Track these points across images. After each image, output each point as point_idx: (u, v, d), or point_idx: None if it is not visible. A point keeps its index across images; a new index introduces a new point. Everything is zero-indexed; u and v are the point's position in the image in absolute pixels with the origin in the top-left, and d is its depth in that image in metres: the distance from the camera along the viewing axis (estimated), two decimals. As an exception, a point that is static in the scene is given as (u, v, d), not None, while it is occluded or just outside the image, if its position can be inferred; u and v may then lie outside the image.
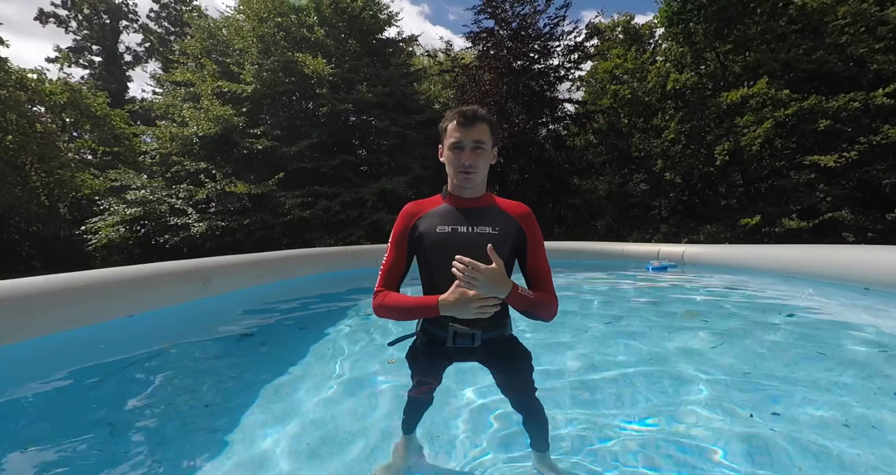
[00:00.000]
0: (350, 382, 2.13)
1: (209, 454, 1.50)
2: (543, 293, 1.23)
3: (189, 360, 2.65)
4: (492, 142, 1.26)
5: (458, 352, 1.27)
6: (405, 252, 1.30)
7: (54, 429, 1.70)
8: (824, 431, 1.55)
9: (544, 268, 1.28)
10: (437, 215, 1.29)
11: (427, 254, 1.25)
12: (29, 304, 2.58)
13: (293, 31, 12.95)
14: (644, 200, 14.66)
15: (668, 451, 1.47)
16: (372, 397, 1.95)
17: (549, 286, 1.26)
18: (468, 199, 1.30)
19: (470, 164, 1.21)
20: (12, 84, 11.09)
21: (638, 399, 1.90)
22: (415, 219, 1.30)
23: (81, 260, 13.62)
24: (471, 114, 1.21)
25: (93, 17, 24.73)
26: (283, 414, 1.79)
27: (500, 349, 1.31)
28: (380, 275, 1.28)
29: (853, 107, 9.48)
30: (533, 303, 1.16)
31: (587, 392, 1.97)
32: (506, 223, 1.27)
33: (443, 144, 1.28)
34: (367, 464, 1.44)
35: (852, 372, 2.12)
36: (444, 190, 1.35)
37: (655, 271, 5.70)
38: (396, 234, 1.31)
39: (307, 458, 1.46)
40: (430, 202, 1.34)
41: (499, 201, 1.33)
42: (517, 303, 1.15)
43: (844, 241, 9.68)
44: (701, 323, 3.15)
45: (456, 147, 1.22)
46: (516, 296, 1.13)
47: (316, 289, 5.00)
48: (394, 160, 13.34)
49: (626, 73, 13.51)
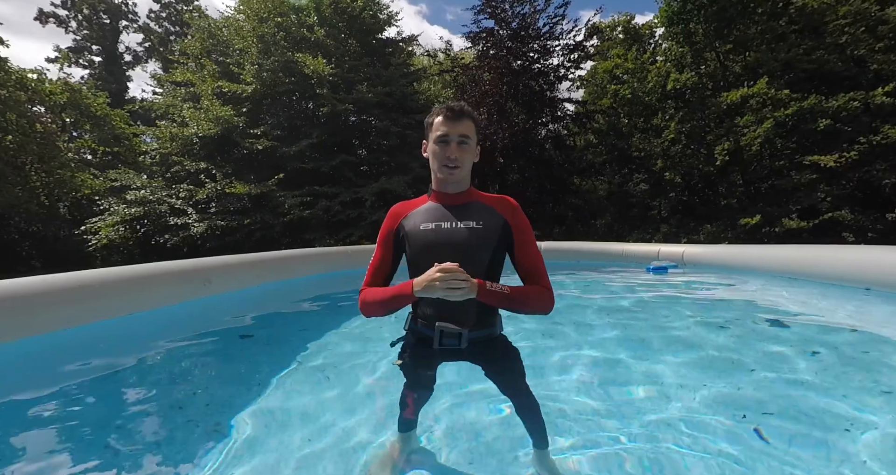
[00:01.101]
0: (350, 382, 2.13)
1: (209, 454, 1.50)
2: (534, 286, 1.22)
3: (188, 360, 2.65)
4: (476, 138, 1.27)
5: (444, 353, 1.26)
6: (391, 251, 1.32)
7: (54, 429, 1.70)
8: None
9: (536, 260, 1.26)
10: (422, 213, 1.30)
11: (413, 252, 1.27)
12: (29, 303, 2.58)
13: (293, 31, 12.94)
14: (644, 200, 14.66)
15: (664, 453, 1.47)
16: (372, 396, 1.95)
17: (542, 279, 1.24)
18: (452, 194, 1.30)
19: (455, 157, 1.22)
20: (12, 84, 11.09)
21: (638, 400, 1.90)
22: (400, 218, 1.32)
23: (81, 260, 13.62)
24: (458, 108, 1.23)
25: (93, 17, 24.74)
26: (284, 413, 1.80)
27: (488, 349, 1.30)
28: (367, 273, 1.31)
29: (853, 106, 9.48)
30: (510, 298, 1.14)
31: (586, 393, 1.97)
32: (491, 217, 1.26)
33: (427, 139, 1.29)
34: (366, 463, 1.44)
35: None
36: (429, 188, 1.36)
37: (656, 273, 5.63)
38: (383, 233, 1.33)
39: (307, 458, 1.47)
40: (415, 202, 1.36)
41: (483, 196, 1.33)
42: (491, 300, 1.14)
43: (844, 241, 9.67)
44: (699, 324, 3.15)
45: (442, 141, 1.23)
46: (486, 295, 1.12)
47: (316, 290, 5.00)
48: (393, 160, 13.34)
49: (626, 72, 13.51)
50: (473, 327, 1.24)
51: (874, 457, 1.39)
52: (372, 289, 1.25)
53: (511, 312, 1.20)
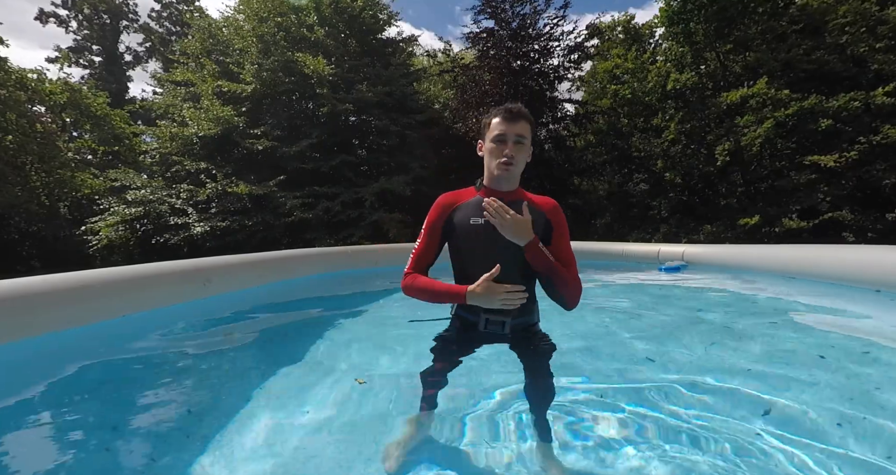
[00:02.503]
0: (349, 382, 2.13)
1: (208, 454, 1.50)
2: (573, 274, 1.33)
3: (188, 360, 2.64)
4: (531, 138, 1.38)
5: (488, 336, 1.38)
6: (437, 241, 1.37)
7: (52, 429, 1.70)
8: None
9: (569, 255, 1.37)
10: (472, 206, 1.37)
11: (459, 245, 1.32)
12: (28, 303, 2.58)
13: (293, 30, 12.95)
14: (644, 200, 14.66)
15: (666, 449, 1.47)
16: (372, 397, 1.95)
17: (573, 271, 1.35)
18: (502, 192, 1.37)
19: (512, 155, 1.29)
20: (12, 84, 11.09)
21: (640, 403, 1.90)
22: (450, 209, 1.38)
23: (81, 260, 13.62)
24: (516, 110, 1.32)
25: (93, 17, 24.74)
26: (283, 413, 1.79)
27: (528, 336, 1.41)
28: (411, 258, 1.37)
29: (853, 106, 9.47)
30: (553, 268, 1.24)
31: (595, 393, 1.97)
32: (536, 215, 1.33)
33: (483, 139, 1.38)
34: (367, 463, 1.44)
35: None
36: (478, 182, 1.41)
37: (669, 272, 5.59)
38: (431, 222, 1.38)
39: (307, 458, 1.46)
40: (464, 193, 1.44)
41: (529, 195, 1.39)
42: (537, 260, 1.23)
43: (844, 241, 9.67)
44: (705, 323, 3.15)
45: (499, 139, 1.31)
46: (536, 250, 1.22)
47: (316, 290, 5.00)
48: (393, 160, 13.34)
49: (626, 73, 13.51)
50: (515, 315, 1.35)
51: (875, 457, 1.39)
52: (423, 277, 1.32)
53: (548, 289, 1.31)
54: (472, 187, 1.42)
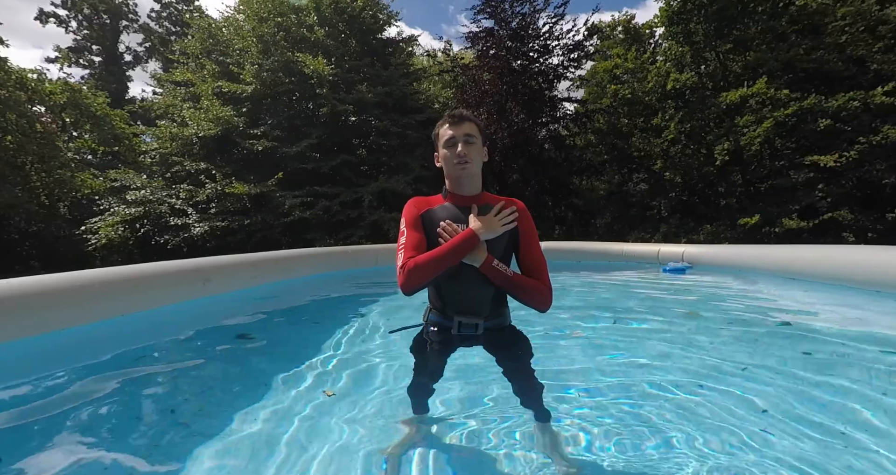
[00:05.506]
0: (349, 382, 2.13)
1: (207, 455, 1.50)
2: (534, 280, 1.32)
3: (186, 360, 2.64)
4: (481, 138, 1.37)
5: (462, 339, 1.40)
6: (422, 231, 1.36)
7: (51, 429, 1.70)
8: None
9: (538, 258, 1.36)
10: (441, 211, 1.39)
11: (430, 245, 1.32)
12: (27, 303, 2.58)
13: (293, 31, 12.95)
14: (644, 200, 14.65)
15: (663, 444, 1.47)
16: (371, 397, 1.95)
17: (543, 276, 1.34)
18: (467, 196, 1.39)
19: (464, 153, 1.31)
20: (12, 84, 11.10)
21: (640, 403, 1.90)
22: (424, 208, 1.41)
23: (81, 260, 13.62)
24: (458, 114, 1.36)
25: (93, 17, 24.73)
26: (283, 414, 1.79)
27: (501, 336, 1.44)
28: (403, 253, 1.31)
29: (853, 106, 9.47)
30: (511, 282, 1.26)
31: (589, 394, 1.97)
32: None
33: (437, 150, 1.40)
34: (366, 463, 1.44)
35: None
36: (444, 190, 1.41)
37: (673, 273, 5.58)
38: (411, 218, 1.39)
39: (307, 458, 1.46)
40: (432, 200, 1.47)
41: (494, 198, 1.42)
42: (495, 279, 1.26)
43: (844, 241, 9.67)
44: (704, 322, 3.15)
45: (450, 143, 1.33)
46: (490, 270, 1.25)
47: (315, 290, 5.00)
48: (393, 160, 13.34)
49: (626, 72, 13.51)
50: (487, 318, 1.38)
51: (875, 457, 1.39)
52: (420, 254, 1.27)
53: (512, 297, 1.34)
54: (440, 195, 1.45)
